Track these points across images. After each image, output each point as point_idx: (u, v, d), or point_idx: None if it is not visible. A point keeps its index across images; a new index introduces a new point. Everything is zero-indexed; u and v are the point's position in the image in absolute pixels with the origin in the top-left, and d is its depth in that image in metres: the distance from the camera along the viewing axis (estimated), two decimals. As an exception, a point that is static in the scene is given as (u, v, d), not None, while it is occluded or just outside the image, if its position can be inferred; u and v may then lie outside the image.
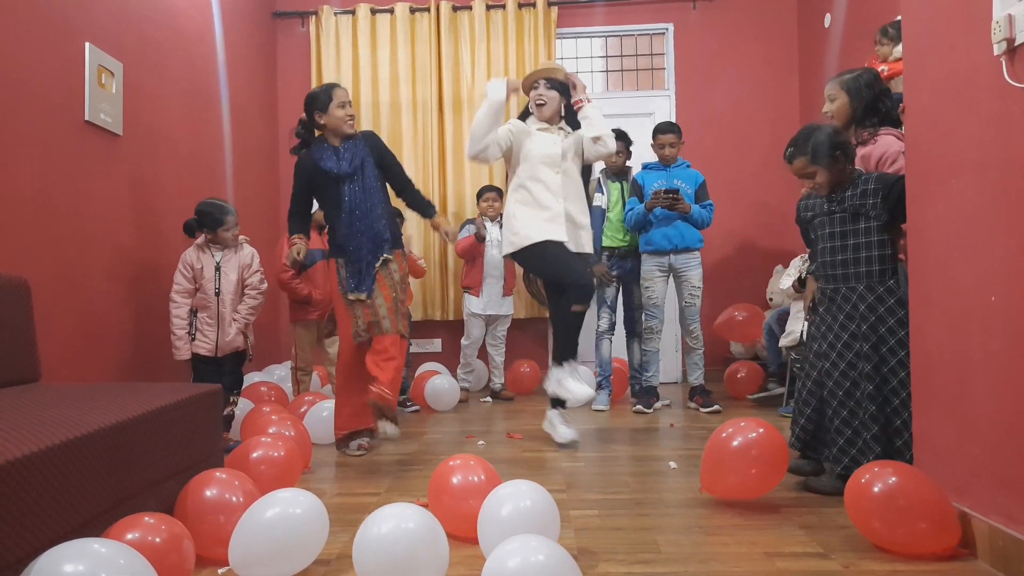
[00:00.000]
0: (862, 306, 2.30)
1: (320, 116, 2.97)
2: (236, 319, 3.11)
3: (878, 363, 2.25)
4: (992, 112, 1.68)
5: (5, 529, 1.29)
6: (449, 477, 2.00)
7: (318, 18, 5.07)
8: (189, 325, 3.04)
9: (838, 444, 2.29)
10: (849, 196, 2.34)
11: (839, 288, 2.37)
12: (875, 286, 2.30)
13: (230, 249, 3.14)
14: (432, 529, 1.60)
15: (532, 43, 5.00)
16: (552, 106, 3.15)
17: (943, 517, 1.75)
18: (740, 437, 2.18)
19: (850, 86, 2.60)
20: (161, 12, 3.58)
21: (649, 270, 3.94)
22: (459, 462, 2.04)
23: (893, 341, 2.25)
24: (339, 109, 2.96)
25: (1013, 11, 1.59)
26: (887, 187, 2.26)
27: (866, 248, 2.31)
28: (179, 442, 2.00)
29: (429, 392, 4.09)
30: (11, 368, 2.22)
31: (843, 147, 2.35)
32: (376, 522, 1.58)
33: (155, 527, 1.56)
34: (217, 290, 3.07)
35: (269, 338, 4.84)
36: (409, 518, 1.57)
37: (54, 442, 1.45)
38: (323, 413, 3.13)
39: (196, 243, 3.09)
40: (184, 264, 3.05)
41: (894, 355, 2.24)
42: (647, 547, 1.91)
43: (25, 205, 2.58)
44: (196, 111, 3.92)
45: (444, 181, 5.04)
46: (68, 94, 2.83)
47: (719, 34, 5.09)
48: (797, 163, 2.41)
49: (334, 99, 2.96)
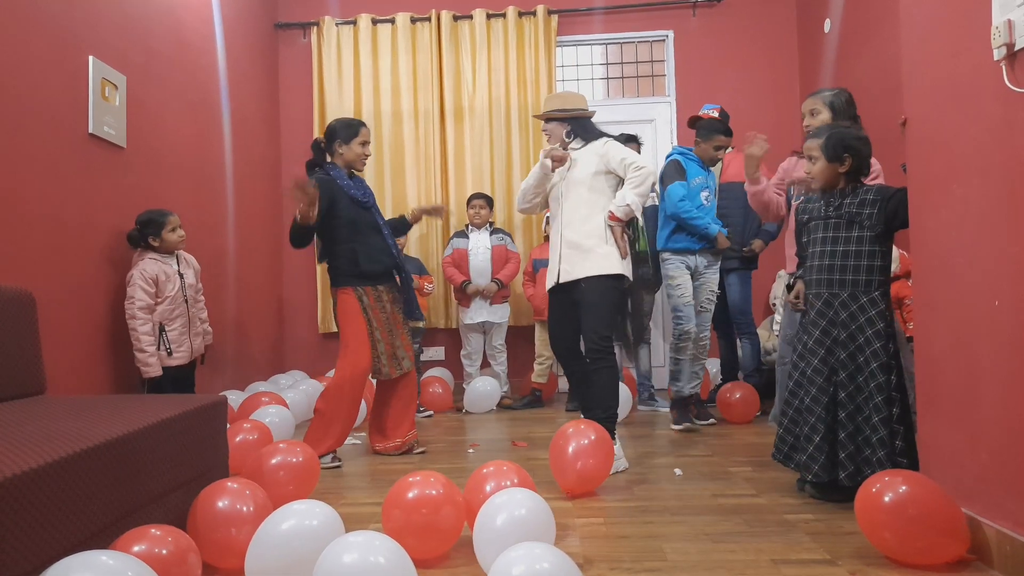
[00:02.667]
0: (844, 314, 2.30)
1: (340, 146, 3.08)
2: (204, 325, 3.23)
3: (853, 372, 2.26)
4: (994, 117, 1.68)
5: (14, 541, 1.29)
6: (405, 493, 1.92)
7: (319, 29, 5.10)
8: (157, 340, 2.95)
9: (807, 452, 2.29)
10: (847, 204, 2.34)
11: (821, 293, 2.37)
12: (859, 295, 2.30)
13: (181, 255, 3.16)
14: (401, 562, 1.51)
15: (532, 51, 5.02)
16: (556, 134, 3.07)
17: (954, 525, 1.73)
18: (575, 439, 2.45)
19: (834, 103, 2.64)
20: (164, 25, 3.60)
21: (676, 267, 3.61)
22: (418, 478, 1.95)
23: (868, 352, 2.25)
24: (360, 147, 3.10)
25: (1013, 16, 1.60)
26: (885, 199, 2.27)
27: (855, 257, 2.31)
28: (185, 453, 2.00)
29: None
30: (17, 381, 2.23)
31: (855, 153, 2.35)
32: (338, 551, 1.49)
33: (162, 539, 1.57)
34: (185, 297, 3.08)
35: (275, 347, 4.85)
36: (377, 550, 1.49)
37: (61, 455, 1.45)
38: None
39: (149, 257, 3.00)
40: (144, 278, 2.92)
41: (868, 365, 2.25)
42: (653, 555, 1.90)
43: (30, 218, 2.59)
44: (199, 123, 3.94)
45: (446, 190, 5.05)
46: (72, 107, 2.85)
47: (719, 40, 5.10)
48: (812, 142, 2.43)
49: (359, 136, 3.09)
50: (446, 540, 1.91)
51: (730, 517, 2.19)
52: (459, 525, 1.93)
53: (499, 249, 4.46)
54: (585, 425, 2.51)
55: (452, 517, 1.90)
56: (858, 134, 2.39)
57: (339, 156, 3.09)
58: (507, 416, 4.18)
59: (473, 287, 4.39)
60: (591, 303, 2.83)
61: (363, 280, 3.03)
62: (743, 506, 2.29)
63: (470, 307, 4.46)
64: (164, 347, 2.97)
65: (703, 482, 2.60)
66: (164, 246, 3.04)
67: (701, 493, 2.45)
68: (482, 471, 2.10)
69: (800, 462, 2.33)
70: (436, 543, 1.89)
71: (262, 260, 4.66)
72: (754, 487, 2.51)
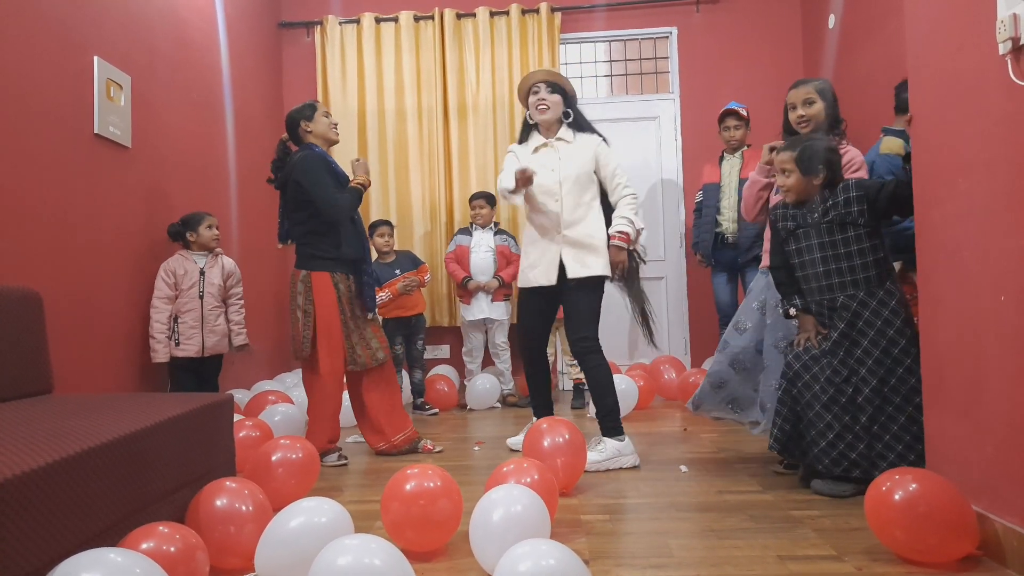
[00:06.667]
0: (866, 312, 2.28)
1: (307, 124, 3.04)
2: (235, 326, 3.35)
3: (891, 366, 2.24)
4: (999, 111, 1.68)
5: (23, 539, 1.30)
6: (403, 486, 1.92)
7: (323, 28, 5.11)
8: (170, 331, 3.16)
9: (819, 446, 2.28)
10: (832, 206, 2.32)
11: (836, 297, 2.34)
12: (875, 291, 2.29)
13: (212, 255, 3.32)
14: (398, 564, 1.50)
15: (536, 49, 5.02)
16: (555, 111, 2.91)
17: (964, 522, 1.72)
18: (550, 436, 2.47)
19: (825, 91, 2.60)
20: (168, 25, 3.61)
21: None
22: (416, 471, 1.96)
23: (904, 341, 2.24)
24: (324, 117, 3.07)
25: (1018, 10, 1.59)
26: (871, 197, 2.27)
27: (859, 255, 2.30)
28: (192, 451, 2.01)
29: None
30: (24, 380, 2.24)
31: (829, 166, 2.34)
32: (334, 553, 1.48)
33: (170, 536, 1.57)
34: (201, 293, 3.22)
35: (281, 346, 4.86)
36: (373, 552, 1.47)
37: (69, 453, 1.46)
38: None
39: (179, 253, 3.28)
40: (166, 271, 3.19)
41: (907, 355, 2.23)
42: (660, 551, 1.90)
43: (36, 218, 2.61)
44: (204, 122, 3.95)
45: (450, 188, 5.05)
46: (77, 108, 2.86)
47: (723, 37, 5.09)
48: (784, 155, 2.40)
49: (318, 110, 3.07)
50: (444, 533, 1.92)
51: (736, 513, 2.19)
52: (457, 518, 1.94)
53: (503, 249, 4.46)
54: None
55: (450, 510, 1.90)
56: (829, 145, 2.38)
57: (310, 135, 3.03)
58: (511, 413, 4.18)
59: (474, 283, 4.39)
60: (584, 305, 2.85)
61: (341, 265, 3.00)
62: (749, 502, 2.29)
63: (471, 304, 4.46)
64: (174, 337, 3.16)
65: (709, 478, 2.60)
66: (200, 242, 3.29)
67: (707, 489, 2.45)
68: (502, 469, 2.09)
69: (813, 455, 2.31)
70: (434, 536, 1.89)
71: (267, 258, 4.66)
72: (760, 483, 2.51)
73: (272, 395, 3.58)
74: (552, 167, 2.90)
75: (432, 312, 4.98)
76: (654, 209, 5.12)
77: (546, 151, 2.95)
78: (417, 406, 4.30)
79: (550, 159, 2.92)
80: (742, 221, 3.92)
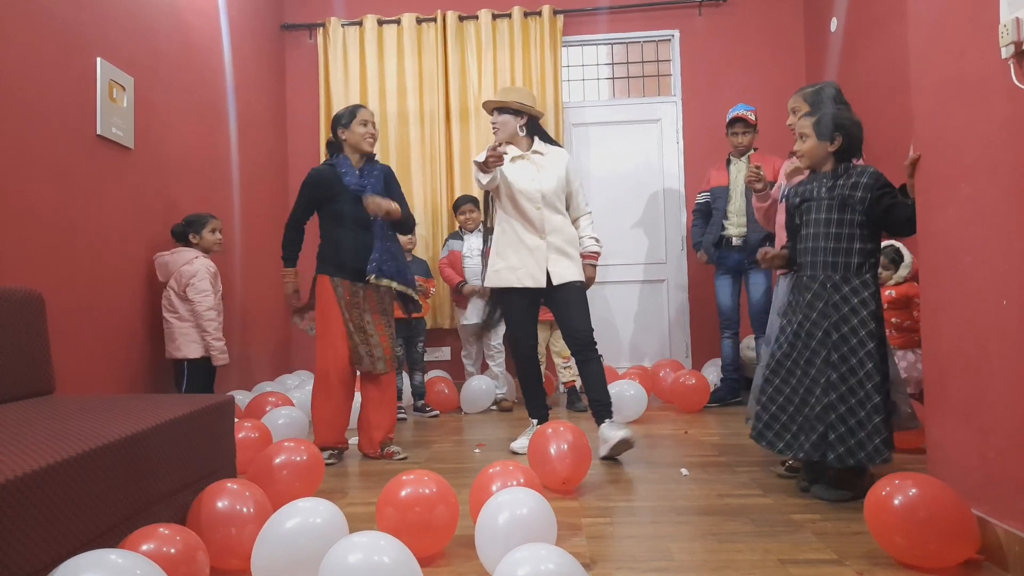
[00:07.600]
0: (836, 296, 2.31)
1: (343, 132, 3.10)
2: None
3: (847, 353, 2.26)
4: (1002, 115, 1.68)
5: (24, 540, 1.30)
6: (398, 492, 1.93)
7: (326, 30, 5.11)
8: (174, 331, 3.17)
9: (792, 431, 2.34)
10: (840, 185, 2.34)
11: (816, 276, 2.36)
12: (851, 278, 2.31)
13: (208, 257, 3.31)
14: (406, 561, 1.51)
15: (538, 51, 5.02)
16: (506, 130, 3.11)
17: (965, 527, 1.71)
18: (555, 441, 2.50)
19: (819, 95, 2.64)
20: (171, 27, 3.62)
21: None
22: (412, 477, 1.97)
23: (863, 333, 2.26)
24: (360, 127, 3.10)
25: (1020, 14, 1.59)
26: (876, 195, 2.27)
27: (848, 240, 2.32)
28: (193, 452, 2.01)
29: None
30: (26, 381, 2.24)
31: (845, 133, 2.35)
32: (343, 551, 1.48)
33: (170, 538, 1.57)
34: (221, 295, 3.29)
35: (282, 347, 4.86)
36: (382, 550, 1.48)
37: (70, 454, 1.46)
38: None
39: (204, 255, 3.25)
40: (209, 271, 3.18)
41: (863, 347, 2.25)
42: (661, 554, 1.90)
43: (38, 219, 2.61)
44: (206, 124, 3.96)
45: (452, 191, 5.05)
46: (80, 109, 2.86)
47: (725, 40, 5.09)
48: (805, 121, 2.42)
49: (357, 117, 3.09)
50: (441, 538, 1.91)
51: (737, 517, 2.18)
52: (453, 523, 1.94)
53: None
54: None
55: (446, 515, 1.90)
56: (852, 117, 2.40)
57: (345, 143, 3.13)
58: (507, 417, 4.15)
59: (469, 287, 4.38)
60: (579, 302, 3.06)
61: (340, 271, 3.04)
62: (750, 506, 2.29)
63: (467, 308, 4.46)
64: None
65: (709, 482, 2.59)
66: (202, 244, 3.28)
67: (708, 493, 2.45)
68: (488, 471, 2.11)
69: (786, 442, 2.34)
70: (430, 541, 1.89)
71: (268, 260, 4.66)
72: (761, 487, 2.50)
73: (272, 396, 3.58)
74: (532, 177, 3.09)
75: (433, 315, 4.97)
76: (655, 212, 5.12)
77: (523, 163, 3.13)
78: (417, 408, 4.29)
79: (528, 171, 3.10)
80: (752, 223, 3.94)
